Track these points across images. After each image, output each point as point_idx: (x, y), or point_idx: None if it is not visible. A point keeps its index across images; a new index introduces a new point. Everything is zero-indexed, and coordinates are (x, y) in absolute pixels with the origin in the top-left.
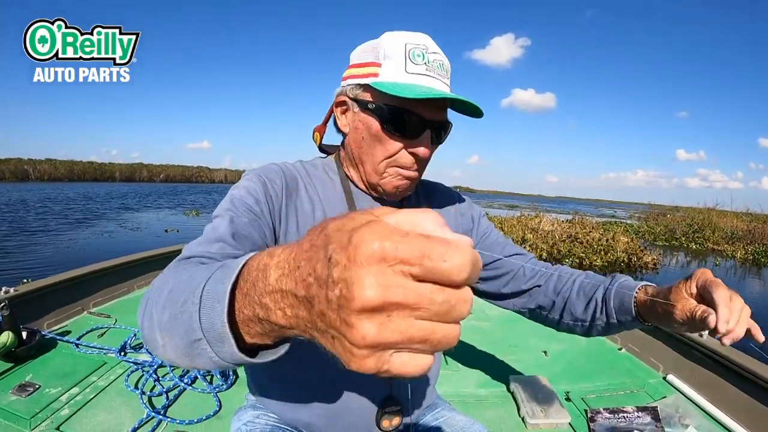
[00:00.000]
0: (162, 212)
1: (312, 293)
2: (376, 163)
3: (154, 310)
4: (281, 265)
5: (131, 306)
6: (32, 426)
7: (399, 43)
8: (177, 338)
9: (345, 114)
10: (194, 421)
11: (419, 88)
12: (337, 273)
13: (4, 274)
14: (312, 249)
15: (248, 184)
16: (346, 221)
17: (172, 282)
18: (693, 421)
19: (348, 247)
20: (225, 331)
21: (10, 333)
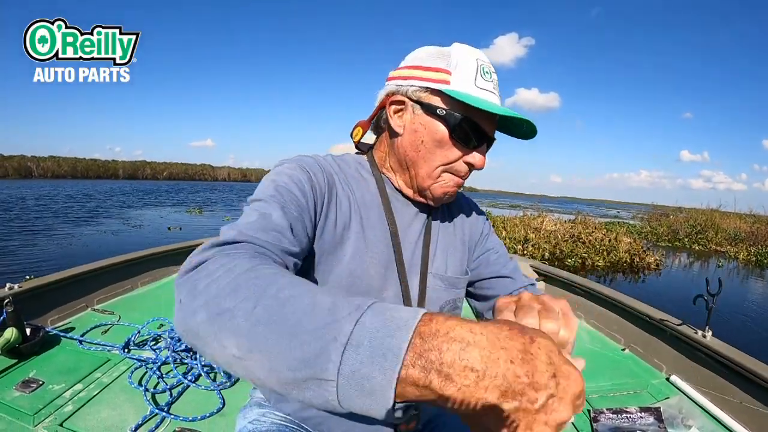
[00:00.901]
0: (165, 210)
1: (520, 390)
2: (433, 167)
3: (238, 309)
4: (485, 348)
5: (135, 303)
6: (36, 422)
7: (471, 56)
8: (280, 363)
9: (400, 115)
10: (197, 418)
11: (491, 104)
12: (557, 392)
13: (6, 271)
14: (528, 356)
15: (292, 173)
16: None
17: (272, 286)
18: (696, 422)
19: (569, 381)
20: (385, 391)
21: (14, 329)
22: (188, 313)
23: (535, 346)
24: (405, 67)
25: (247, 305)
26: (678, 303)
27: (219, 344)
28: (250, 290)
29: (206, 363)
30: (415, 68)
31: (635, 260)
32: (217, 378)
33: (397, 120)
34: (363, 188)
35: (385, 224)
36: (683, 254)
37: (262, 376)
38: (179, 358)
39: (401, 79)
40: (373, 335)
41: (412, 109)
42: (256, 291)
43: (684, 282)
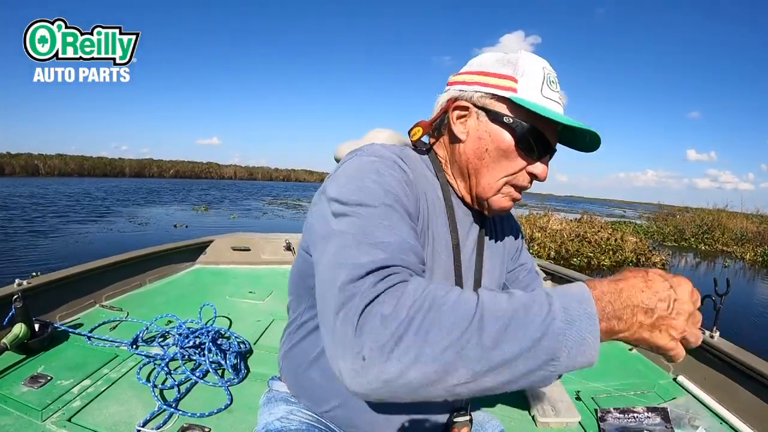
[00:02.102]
0: (171, 208)
1: (656, 305)
2: (496, 178)
3: (467, 342)
4: (627, 292)
5: (143, 299)
6: (44, 417)
7: (537, 64)
8: (519, 365)
9: (464, 121)
10: (205, 414)
11: (560, 114)
12: (678, 295)
13: (12, 268)
14: (648, 282)
15: (392, 173)
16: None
17: (491, 310)
18: (703, 423)
19: (681, 287)
20: (596, 342)
21: (23, 325)
22: (393, 366)
23: (650, 274)
24: (468, 72)
25: (474, 336)
26: None
27: (442, 383)
28: (461, 321)
29: (214, 359)
30: (480, 74)
31: (641, 260)
32: (225, 374)
33: (460, 126)
34: (430, 191)
35: (449, 234)
36: (689, 254)
37: (495, 383)
38: (187, 355)
39: (465, 84)
40: (577, 309)
41: (477, 116)
42: (469, 319)
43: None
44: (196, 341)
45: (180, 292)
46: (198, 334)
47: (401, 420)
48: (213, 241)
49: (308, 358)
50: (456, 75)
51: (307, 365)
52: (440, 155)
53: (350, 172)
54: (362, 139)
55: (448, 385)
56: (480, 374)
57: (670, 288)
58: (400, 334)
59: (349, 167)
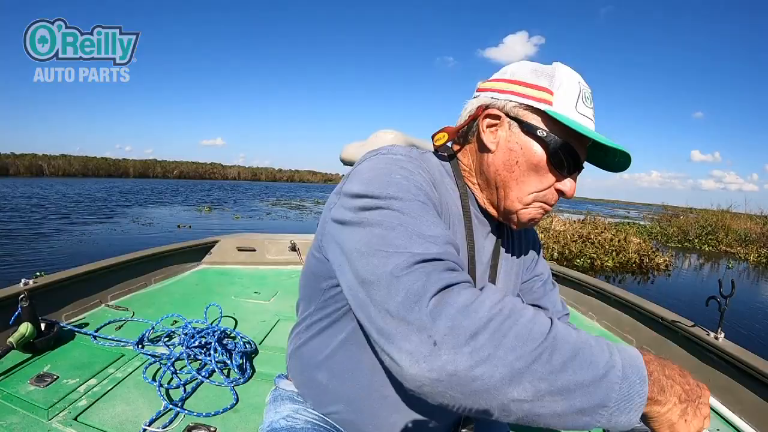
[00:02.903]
0: (174, 208)
1: (686, 393)
2: (526, 192)
3: (537, 360)
4: (667, 376)
5: (149, 299)
6: (50, 416)
7: (574, 79)
8: (575, 400)
9: (494, 130)
10: (211, 413)
11: (595, 132)
12: (701, 394)
13: (17, 267)
14: (683, 373)
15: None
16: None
17: (564, 334)
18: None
19: (704, 391)
20: (641, 405)
21: (29, 324)
22: (464, 359)
23: (682, 367)
24: (501, 80)
25: (546, 353)
26: (687, 304)
27: (502, 393)
28: (537, 335)
29: (220, 359)
30: (515, 83)
31: (644, 261)
32: (231, 374)
33: (491, 136)
34: (449, 198)
35: (464, 243)
36: (693, 255)
37: (548, 412)
38: (193, 354)
39: (498, 92)
40: (634, 369)
41: (509, 126)
42: (544, 335)
43: (693, 283)
44: (201, 341)
45: (185, 292)
46: (204, 334)
47: (408, 424)
48: (218, 242)
49: (316, 358)
50: (486, 81)
51: (315, 366)
52: (464, 163)
53: (376, 169)
54: (367, 140)
55: (508, 397)
56: (541, 394)
57: (697, 386)
58: (478, 330)
59: (373, 164)
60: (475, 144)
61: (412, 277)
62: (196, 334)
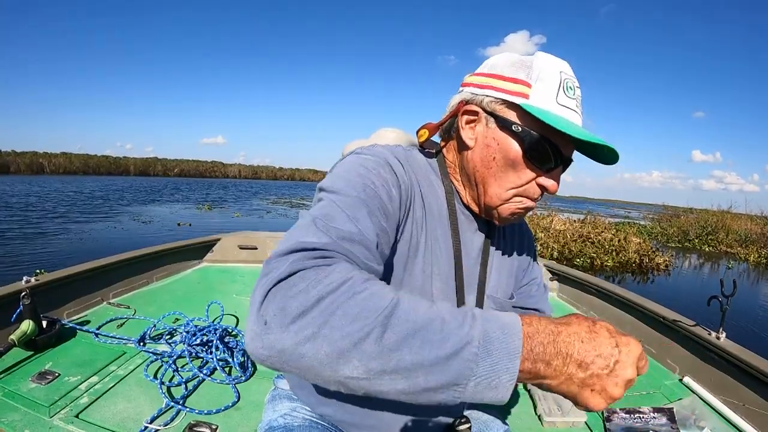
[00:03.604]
0: (175, 206)
1: (593, 361)
2: (504, 188)
3: (369, 335)
4: (567, 337)
5: (150, 297)
6: (51, 413)
7: (554, 68)
8: (418, 377)
9: (473, 126)
10: (213, 411)
11: (572, 124)
12: (620, 358)
13: (18, 265)
14: (593, 334)
15: (381, 173)
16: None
17: (405, 311)
18: (709, 424)
19: (628, 348)
20: (509, 383)
21: (31, 322)
22: (290, 338)
23: (597, 326)
24: (482, 74)
25: (376, 331)
26: (688, 304)
27: (331, 369)
28: (370, 314)
29: (222, 357)
30: (493, 77)
31: (644, 261)
32: (232, 372)
33: (469, 132)
34: (432, 196)
35: (450, 241)
36: (693, 255)
37: (390, 389)
38: (194, 352)
39: (477, 87)
40: (498, 342)
41: (486, 122)
42: (378, 314)
43: (694, 283)
44: (203, 339)
45: (187, 290)
46: (205, 331)
47: (402, 423)
48: (220, 240)
49: None
50: (471, 75)
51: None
52: (449, 159)
53: (342, 167)
54: (369, 138)
55: (340, 374)
56: (374, 373)
57: (615, 347)
58: (305, 309)
59: (343, 163)
60: (456, 140)
61: (279, 263)
62: (198, 332)
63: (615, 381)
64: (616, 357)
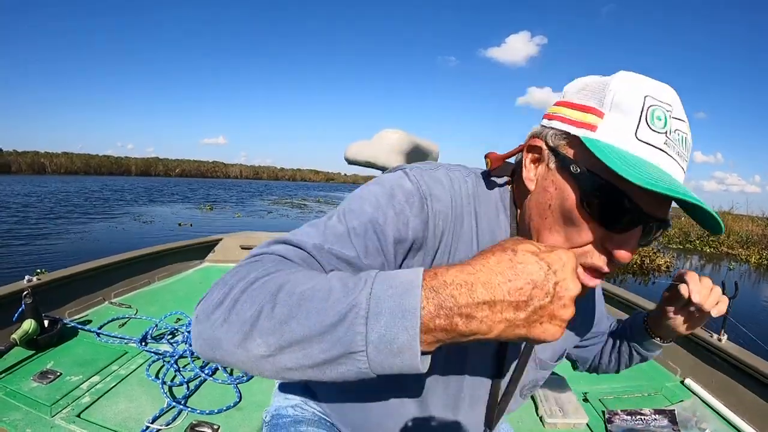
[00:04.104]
0: (176, 206)
1: (531, 295)
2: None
3: (261, 313)
4: (485, 281)
5: (152, 297)
6: (53, 413)
7: (637, 92)
8: (313, 349)
9: (536, 164)
10: (214, 411)
11: (650, 168)
12: (558, 277)
13: (19, 265)
14: (517, 266)
15: (402, 215)
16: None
17: (285, 285)
18: (710, 426)
19: (561, 262)
20: (411, 346)
21: (33, 321)
22: (209, 325)
23: (519, 254)
24: (558, 102)
25: (267, 307)
26: None
27: (243, 350)
28: (266, 293)
29: None
30: (563, 104)
31: (645, 262)
32: (234, 372)
33: (531, 171)
34: (493, 235)
35: None
36: (694, 256)
37: (295, 365)
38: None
39: (547, 117)
40: (389, 301)
41: (548, 161)
42: (271, 293)
43: None
44: None
45: (188, 289)
46: None
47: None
48: (221, 240)
49: None
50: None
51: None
52: (519, 190)
53: (370, 188)
54: (372, 140)
55: (252, 354)
56: (275, 348)
57: (548, 269)
58: (222, 299)
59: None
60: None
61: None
62: None
63: (561, 303)
64: (554, 278)
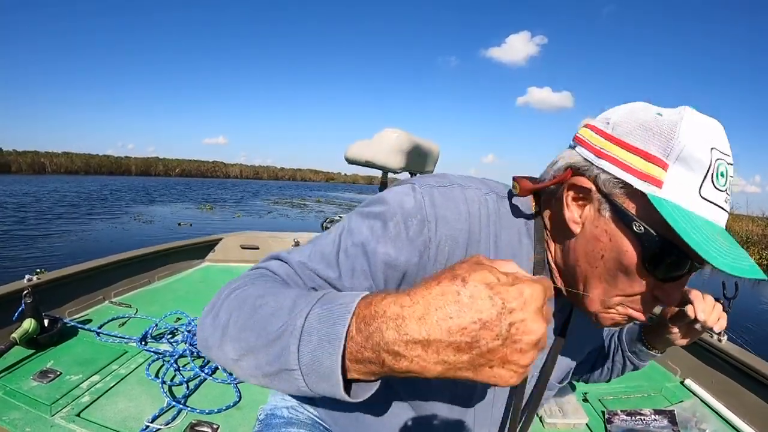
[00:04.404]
0: (176, 206)
1: (476, 336)
2: (610, 294)
3: (230, 320)
4: (420, 317)
5: (152, 296)
6: (53, 412)
7: (706, 144)
8: (261, 359)
9: (581, 205)
10: (214, 411)
11: (714, 230)
12: (515, 317)
13: (18, 264)
14: (466, 301)
15: (398, 240)
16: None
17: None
18: (710, 426)
19: (522, 299)
20: (334, 373)
21: (33, 320)
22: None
23: (469, 286)
24: (602, 132)
25: (234, 315)
26: None
27: (221, 351)
28: (237, 303)
29: None
30: (615, 141)
31: None
32: None
33: (575, 211)
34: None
35: None
36: None
37: (251, 373)
38: (196, 352)
39: (593, 151)
40: (321, 325)
41: (598, 206)
42: (240, 303)
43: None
44: None
45: (189, 289)
46: None
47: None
48: (222, 240)
49: None
50: (588, 128)
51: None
52: (546, 226)
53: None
54: (372, 139)
55: (227, 356)
56: (240, 354)
57: (502, 307)
58: (213, 304)
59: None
60: (557, 215)
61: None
62: None
63: (517, 347)
64: (509, 318)
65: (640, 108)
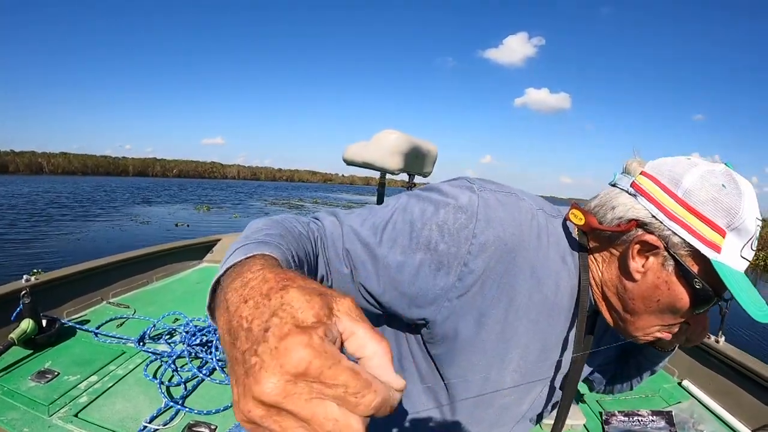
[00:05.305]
0: (173, 207)
1: (239, 335)
2: (653, 325)
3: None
4: (246, 290)
5: (150, 297)
6: (50, 412)
7: (755, 216)
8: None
9: (646, 257)
10: (212, 411)
11: (747, 282)
12: (260, 349)
13: (14, 265)
14: (262, 302)
15: (443, 228)
16: (303, 304)
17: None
18: (707, 427)
19: (282, 339)
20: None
21: (31, 320)
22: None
23: (290, 289)
24: (671, 192)
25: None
26: None
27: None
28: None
29: (221, 357)
30: (688, 209)
31: None
32: None
33: (639, 262)
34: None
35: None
36: None
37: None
38: (194, 352)
39: (663, 210)
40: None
41: (663, 261)
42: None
43: None
44: (202, 339)
45: (187, 290)
46: (205, 332)
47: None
48: (220, 240)
49: None
50: (650, 175)
51: None
52: (594, 258)
53: (427, 194)
54: (370, 140)
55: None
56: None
57: (264, 330)
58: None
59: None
60: (615, 258)
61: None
62: (198, 332)
63: (244, 390)
64: (256, 346)
65: (708, 174)
